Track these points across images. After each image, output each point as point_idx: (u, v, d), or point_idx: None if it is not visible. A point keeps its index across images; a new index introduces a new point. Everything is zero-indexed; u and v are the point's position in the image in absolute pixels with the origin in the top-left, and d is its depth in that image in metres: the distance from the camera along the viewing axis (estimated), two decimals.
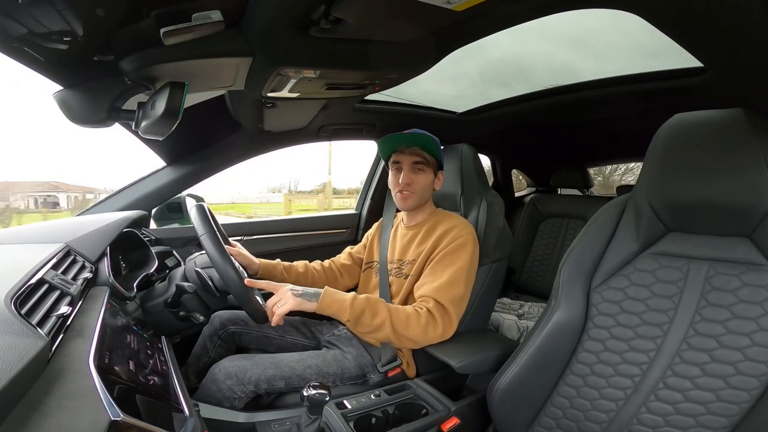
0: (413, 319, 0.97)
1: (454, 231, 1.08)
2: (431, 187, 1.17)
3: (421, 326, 0.97)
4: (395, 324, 0.95)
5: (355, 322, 0.94)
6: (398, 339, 0.97)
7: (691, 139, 0.68)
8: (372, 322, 0.94)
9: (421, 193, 1.15)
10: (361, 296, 0.96)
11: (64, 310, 0.57)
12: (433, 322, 0.98)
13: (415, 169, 1.13)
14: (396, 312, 0.97)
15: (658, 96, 1.21)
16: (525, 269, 2.26)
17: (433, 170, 1.16)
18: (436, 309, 0.99)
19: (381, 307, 0.96)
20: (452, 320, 1.01)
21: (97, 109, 0.80)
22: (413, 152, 1.13)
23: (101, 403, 0.42)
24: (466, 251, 1.06)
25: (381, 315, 0.94)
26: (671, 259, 0.74)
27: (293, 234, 1.82)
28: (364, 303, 0.94)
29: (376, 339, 1.03)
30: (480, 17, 0.80)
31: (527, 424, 0.85)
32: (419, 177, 1.13)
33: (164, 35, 0.67)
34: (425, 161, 1.13)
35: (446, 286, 1.01)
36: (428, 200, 1.19)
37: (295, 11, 0.72)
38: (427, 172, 1.14)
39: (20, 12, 0.57)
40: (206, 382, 0.99)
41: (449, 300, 1.00)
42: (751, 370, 0.64)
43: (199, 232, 0.90)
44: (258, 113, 1.26)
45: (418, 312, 0.99)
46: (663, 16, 0.71)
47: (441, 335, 0.99)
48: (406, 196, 1.14)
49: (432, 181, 1.16)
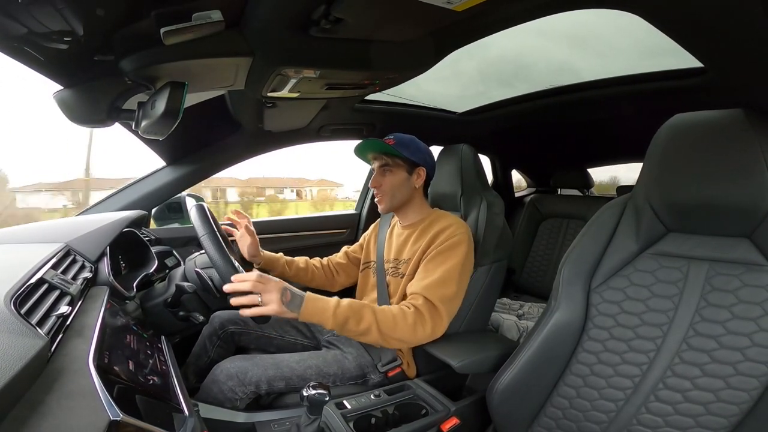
0: (400, 319, 0.95)
1: (448, 230, 1.07)
2: (405, 185, 1.16)
3: (408, 326, 0.95)
4: (382, 327, 0.93)
5: (340, 330, 0.92)
6: (386, 341, 0.95)
7: (691, 140, 0.68)
8: (357, 328, 0.91)
9: (391, 193, 1.15)
10: (344, 302, 0.92)
11: (63, 309, 0.57)
12: (422, 320, 0.97)
13: (383, 172, 1.15)
14: (382, 314, 0.94)
15: (658, 96, 1.21)
16: (525, 269, 2.26)
17: (405, 169, 1.15)
18: (425, 306, 0.98)
19: (365, 312, 0.93)
20: (442, 318, 0.99)
21: (97, 109, 0.80)
22: (375, 157, 1.17)
23: (101, 402, 0.42)
24: (459, 250, 1.04)
25: (366, 320, 0.92)
26: (671, 259, 0.74)
27: (293, 234, 1.82)
28: (348, 311, 0.91)
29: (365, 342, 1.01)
30: (480, 17, 0.79)
31: (527, 424, 0.85)
32: (386, 178, 1.15)
33: (164, 35, 0.67)
34: (388, 163, 1.14)
35: (437, 283, 1.00)
36: (410, 199, 1.18)
37: (295, 11, 0.72)
38: (396, 172, 1.14)
39: (20, 12, 0.57)
40: (207, 383, 0.99)
41: (439, 298, 0.99)
42: (751, 371, 0.64)
43: (200, 233, 0.90)
44: (258, 113, 1.26)
45: (405, 311, 0.97)
46: (663, 16, 0.71)
47: (431, 334, 0.98)
48: (379, 199, 1.18)
49: (404, 180, 1.15)
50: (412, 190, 1.17)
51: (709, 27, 0.71)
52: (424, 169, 1.17)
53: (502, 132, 1.94)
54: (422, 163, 1.17)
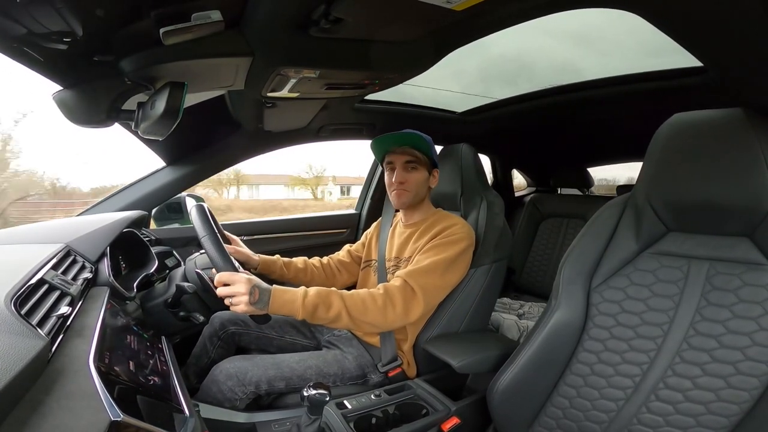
0: (369, 303, 0.94)
1: (451, 228, 1.08)
2: (426, 184, 1.17)
3: (378, 308, 0.94)
4: (352, 311, 0.92)
5: (311, 319, 0.91)
6: (358, 326, 0.94)
7: (691, 139, 0.68)
8: (327, 315, 0.91)
9: (415, 190, 1.15)
10: (312, 291, 0.91)
11: (64, 310, 0.57)
12: (391, 302, 0.95)
13: (408, 168, 1.14)
14: (351, 299, 0.93)
15: (658, 96, 1.21)
16: (525, 269, 2.26)
17: (427, 168, 1.16)
18: (399, 289, 0.97)
19: (334, 298, 0.92)
20: (419, 302, 0.97)
21: (96, 109, 0.80)
22: (404, 151, 1.14)
23: (101, 403, 0.42)
24: (456, 247, 1.04)
25: (335, 307, 0.91)
26: (672, 258, 0.74)
27: (293, 234, 1.82)
28: (316, 298, 0.90)
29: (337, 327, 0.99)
30: (480, 17, 0.80)
31: (527, 424, 0.85)
32: (412, 175, 1.14)
33: (164, 35, 0.67)
34: (417, 159, 1.13)
35: (421, 271, 1.00)
36: (424, 198, 1.19)
37: (294, 11, 0.72)
38: (420, 170, 1.14)
39: (20, 12, 0.57)
40: (207, 383, 0.99)
41: (420, 284, 0.98)
42: (752, 370, 0.64)
43: (200, 234, 0.89)
44: (258, 113, 1.26)
45: (374, 294, 0.96)
46: (663, 15, 0.71)
47: (402, 315, 0.96)
48: (401, 193, 1.15)
49: (426, 179, 1.16)
50: (427, 191, 1.19)
51: (708, 26, 0.71)
52: (438, 171, 1.20)
53: (502, 132, 1.94)
54: (438, 165, 1.19)
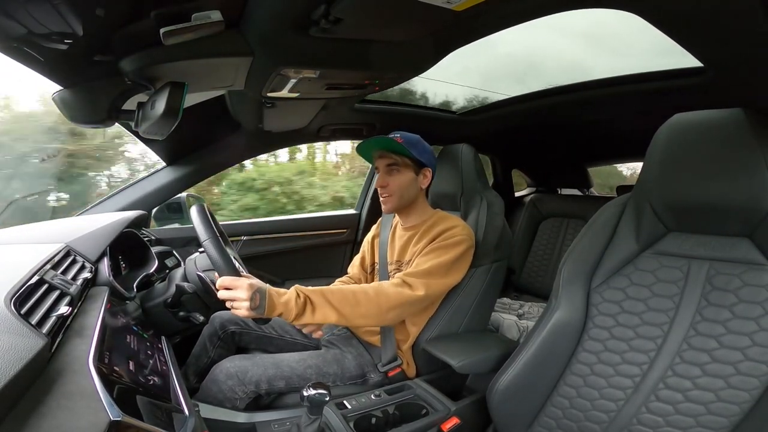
0: (360, 295, 0.92)
1: (451, 230, 1.06)
2: (414, 185, 1.13)
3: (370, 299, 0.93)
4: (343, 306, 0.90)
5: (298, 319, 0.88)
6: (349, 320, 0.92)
7: (691, 139, 0.68)
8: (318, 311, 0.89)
9: (399, 193, 1.12)
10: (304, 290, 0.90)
11: (63, 310, 0.57)
12: (385, 292, 0.94)
13: (390, 171, 1.12)
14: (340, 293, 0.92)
15: (658, 96, 1.21)
16: (525, 269, 2.26)
17: (412, 170, 1.13)
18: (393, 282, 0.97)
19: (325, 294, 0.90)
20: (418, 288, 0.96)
21: (97, 109, 0.80)
22: (382, 155, 1.13)
23: (101, 403, 0.42)
24: (456, 249, 1.03)
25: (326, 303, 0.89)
26: (672, 258, 0.74)
27: (293, 234, 1.82)
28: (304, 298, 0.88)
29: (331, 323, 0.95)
30: (480, 17, 0.79)
31: (527, 424, 0.85)
32: (393, 178, 1.12)
33: (164, 35, 0.67)
34: (396, 162, 1.11)
35: (422, 273, 0.99)
36: (414, 200, 1.16)
37: (295, 11, 0.72)
38: (403, 172, 1.12)
39: (20, 12, 0.57)
40: (207, 382, 0.99)
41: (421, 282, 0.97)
42: (752, 371, 0.64)
43: (201, 237, 0.87)
44: (258, 113, 1.26)
45: (365, 287, 0.95)
46: (663, 16, 0.71)
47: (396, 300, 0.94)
48: (385, 200, 1.14)
49: (412, 180, 1.13)
50: (418, 191, 1.15)
51: (709, 27, 0.71)
52: (430, 170, 1.16)
53: (502, 132, 1.93)
54: (428, 164, 1.15)
